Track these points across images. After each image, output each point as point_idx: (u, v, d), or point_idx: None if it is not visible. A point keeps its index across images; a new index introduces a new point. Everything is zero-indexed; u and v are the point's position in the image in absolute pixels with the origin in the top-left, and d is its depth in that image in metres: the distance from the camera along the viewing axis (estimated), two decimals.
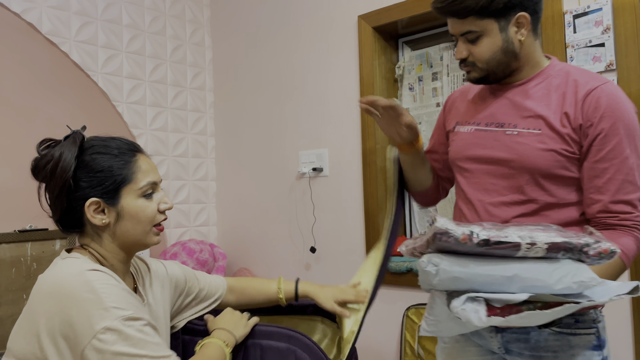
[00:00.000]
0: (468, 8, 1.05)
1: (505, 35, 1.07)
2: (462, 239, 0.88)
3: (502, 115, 1.12)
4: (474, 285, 0.90)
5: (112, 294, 0.91)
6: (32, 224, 2.00)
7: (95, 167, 1.01)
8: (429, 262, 0.92)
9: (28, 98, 2.06)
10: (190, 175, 2.63)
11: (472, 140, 1.16)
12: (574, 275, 0.88)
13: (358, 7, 2.16)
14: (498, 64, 1.09)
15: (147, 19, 2.47)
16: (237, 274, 2.51)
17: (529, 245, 0.88)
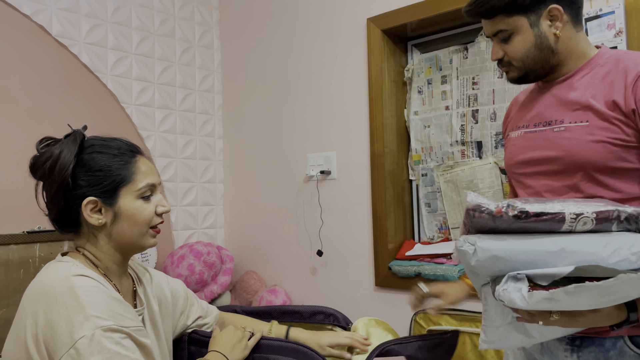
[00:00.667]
0: (494, 7, 1.03)
1: (538, 31, 1.03)
2: (497, 212, 0.81)
3: (548, 112, 1.07)
4: (516, 264, 0.81)
5: (95, 301, 0.90)
6: (40, 225, 2.00)
7: (94, 166, 1.01)
8: (465, 241, 0.85)
9: (37, 100, 2.07)
10: (198, 177, 2.63)
11: (522, 143, 1.11)
12: (631, 246, 0.79)
13: (367, 10, 2.15)
14: (535, 61, 1.05)
15: (157, 21, 2.48)
16: (244, 276, 2.51)
17: (575, 215, 0.79)
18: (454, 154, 2.02)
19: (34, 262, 1.92)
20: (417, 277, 1.97)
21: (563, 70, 1.07)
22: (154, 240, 1.05)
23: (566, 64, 1.07)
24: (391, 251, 2.09)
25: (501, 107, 1.89)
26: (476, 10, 1.06)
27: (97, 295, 0.91)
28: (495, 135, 1.91)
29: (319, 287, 2.32)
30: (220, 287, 2.33)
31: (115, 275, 1.05)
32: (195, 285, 2.29)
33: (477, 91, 1.96)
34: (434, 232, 2.10)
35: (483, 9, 1.04)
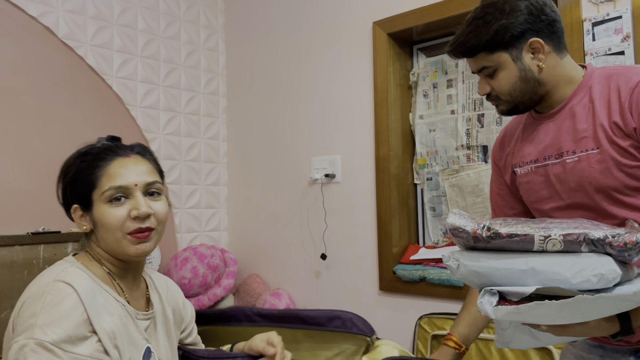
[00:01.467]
0: (474, 47, 1.03)
1: (521, 64, 1.03)
2: (472, 233, 0.88)
3: (557, 144, 1.05)
4: (493, 279, 0.88)
5: (53, 313, 0.88)
6: (45, 226, 2.00)
7: (73, 173, 1.04)
8: (451, 257, 0.93)
9: (43, 101, 2.08)
10: (202, 180, 2.63)
11: (537, 179, 1.09)
12: (594, 268, 0.82)
13: (373, 14, 2.16)
14: (522, 94, 1.05)
15: (162, 24, 2.48)
16: (247, 279, 2.50)
17: (543, 237, 0.84)
18: (460, 158, 2.01)
19: (38, 263, 1.92)
20: (422, 282, 1.96)
21: (555, 98, 1.07)
22: (135, 247, 0.99)
23: (556, 91, 1.06)
24: (396, 255, 2.08)
25: None
26: (457, 50, 1.07)
27: (61, 308, 0.89)
28: None
29: (322, 291, 2.31)
30: (223, 290, 2.33)
31: (120, 277, 1.04)
32: (198, 288, 2.28)
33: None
34: (439, 237, 2.10)
35: (463, 48, 1.05)
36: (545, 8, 1.03)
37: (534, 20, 1.01)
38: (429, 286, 1.94)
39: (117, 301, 1.00)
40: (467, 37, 1.04)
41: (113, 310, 0.98)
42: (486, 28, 1.02)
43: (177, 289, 1.22)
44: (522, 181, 1.13)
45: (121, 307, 1.00)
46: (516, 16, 1.00)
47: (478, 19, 1.04)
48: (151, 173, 1.05)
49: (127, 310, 1.02)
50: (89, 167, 1.02)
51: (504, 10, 1.01)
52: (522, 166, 1.13)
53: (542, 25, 1.02)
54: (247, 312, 1.30)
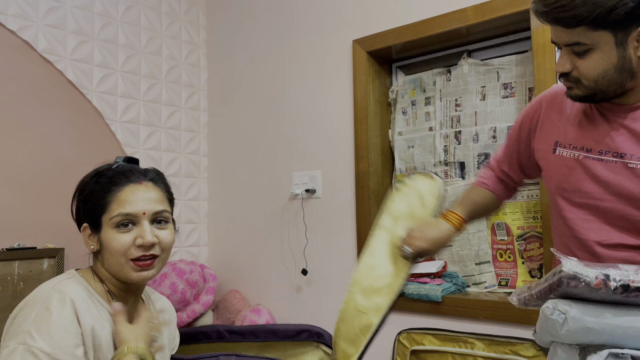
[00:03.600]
0: (579, 17, 0.87)
1: (623, 51, 0.90)
2: (596, 285, 0.75)
3: (620, 143, 0.95)
4: (610, 338, 0.76)
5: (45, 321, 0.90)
6: (20, 242, 1.97)
7: (87, 193, 1.05)
8: (555, 308, 0.78)
9: (22, 115, 2.06)
10: (182, 195, 2.62)
11: (583, 169, 0.99)
12: None
13: (353, 32, 2.19)
14: (609, 83, 0.93)
15: (144, 39, 2.49)
16: (227, 295, 2.49)
17: None
18: (438, 174, 2.04)
19: (13, 279, 1.88)
20: (401, 297, 1.97)
21: (636, 96, 0.96)
22: (136, 274, 1.01)
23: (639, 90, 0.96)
24: None
25: (483, 128, 1.93)
26: (555, 14, 0.90)
27: (54, 317, 0.91)
28: (478, 156, 1.94)
29: (303, 307, 2.31)
30: (202, 306, 2.31)
31: (119, 297, 1.06)
32: (177, 305, 2.26)
33: (460, 113, 2.00)
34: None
35: (564, 15, 0.89)
36: None
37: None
38: (408, 301, 1.95)
39: (111, 316, 1.01)
40: (574, 2, 0.87)
41: (106, 325, 0.99)
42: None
43: (174, 314, 1.25)
44: (559, 163, 1.03)
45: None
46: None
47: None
48: (160, 201, 1.07)
49: None
50: (102, 189, 1.04)
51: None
52: (567, 148, 1.02)
53: None
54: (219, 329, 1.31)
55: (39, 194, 2.06)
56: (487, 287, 1.90)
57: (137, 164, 1.13)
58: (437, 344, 1.83)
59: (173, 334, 1.21)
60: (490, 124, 1.91)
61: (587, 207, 0.99)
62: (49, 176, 2.09)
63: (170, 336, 1.19)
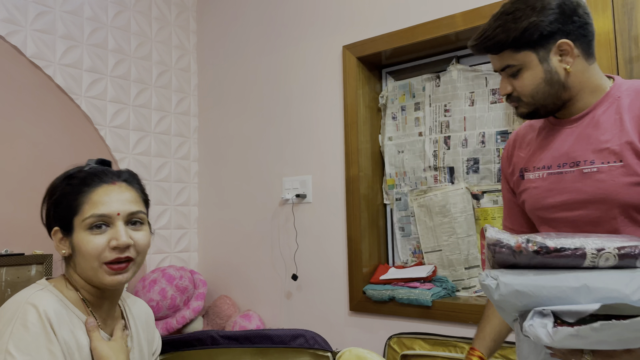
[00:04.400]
0: (501, 42, 0.98)
1: (547, 66, 0.98)
2: (517, 247, 0.80)
3: (574, 152, 1.01)
4: (539, 300, 0.80)
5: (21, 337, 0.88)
6: (7, 248, 1.95)
7: (58, 196, 1.02)
8: (488, 275, 0.84)
9: (10, 121, 2.04)
10: (172, 200, 2.61)
11: (547, 186, 1.04)
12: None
13: (343, 38, 2.20)
14: (545, 97, 1.00)
15: (134, 44, 2.48)
16: (217, 301, 2.48)
17: (597, 251, 0.78)
18: (427, 179, 2.05)
19: (0, 286, 1.86)
20: (391, 301, 1.97)
21: (577, 106, 1.02)
22: (110, 278, 0.98)
23: (580, 98, 1.02)
24: (366, 275, 2.09)
25: (472, 134, 1.94)
26: (482, 45, 1.01)
27: (29, 333, 0.89)
28: (467, 161, 1.95)
29: (293, 312, 2.31)
30: (192, 312, 2.29)
31: (95, 305, 1.03)
32: (167, 311, 2.25)
33: (449, 118, 2.01)
34: (408, 256, 2.12)
35: (490, 43, 1.00)
36: (579, 9, 0.98)
37: (566, 20, 0.96)
38: (398, 306, 1.95)
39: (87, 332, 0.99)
40: (494, 32, 0.99)
41: (81, 334, 0.97)
42: (515, 24, 0.97)
43: (152, 316, 1.21)
44: (530, 186, 1.09)
45: None
46: (547, 14, 0.96)
47: (507, 14, 0.98)
48: (135, 202, 1.04)
49: None
50: (74, 191, 1.00)
51: (534, 8, 0.96)
52: (532, 171, 1.08)
53: (574, 27, 0.97)
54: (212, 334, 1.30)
55: (27, 199, 2.05)
56: (476, 292, 1.91)
57: (109, 166, 1.09)
58: (428, 348, 1.83)
59: (152, 336, 1.18)
60: (479, 129, 1.93)
61: (560, 220, 1.03)
62: (37, 182, 2.07)
63: (149, 339, 1.17)
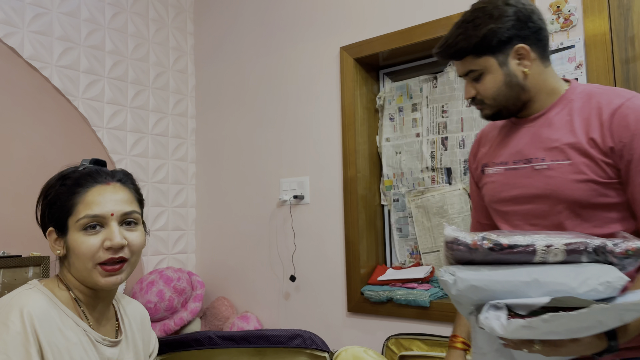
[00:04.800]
0: (462, 49, 1.06)
1: (507, 69, 1.05)
2: (473, 245, 0.85)
3: (528, 149, 1.08)
4: (494, 294, 0.85)
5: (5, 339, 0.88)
6: (5, 250, 1.95)
7: (52, 196, 1.02)
8: (446, 272, 0.89)
9: (7, 122, 2.04)
10: (170, 201, 2.61)
11: (503, 180, 1.11)
12: (599, 276, 0.81)
13: (340, 39, 2.21)
14: (506, 99, 1.07)
15: (131, 45, 2.48)
16: (215, 303, 2.47)
17: (546, 247, 0.83)
18: (425, 180, 2.06)
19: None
20: (389, 302, 1.97)
21: (535, 106, 1.09)
22: (104, 280, 0.98)
23: (537, 99, 1.09)
24: (363, 276, 2.09)
25: (469, 134, 1.95)
26: (446, 52, 1.09)
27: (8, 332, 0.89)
28: (464, 162, 1.95)
29: (291, 313, 2.30)
30: (190, 313, 2.29)
31: (88, 304, 1.03)
32: (164, 312, 2.24)
33: (446, 119, 2.02)
34: (406, 257, 2.12)
35: (452, 50, 1.07)
36: (533, 15, 1.06)
37: (522, 26, 1.04)
38: (396, 307, 1.95)
39: (77, 326, 0.98)
40: (456, 39, 1.06)
41: (71, 334, 0.96)
42: (475, 32, 1.04)
43: (147, 317, 1.21)
44: (488, 180, 1.16)
45: (82, 333, 0.99)
46: (504, 21, 1.03)
47: (467, 23, 1.06)
48: (129, 202, 1.03)
49: (89, 336, 1.00)
50: (68, 192, 1.00)
51: (492, 15, 1.04)
52: (491, 166, 1.15)
53: (529, 32, 1.04)
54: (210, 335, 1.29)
55: (24, 201, 2.04)
56: None
57: (104, 166, 1.09)
58: (425, 349, 1.83)
59: (148, 337, 1.18)
60: (476, 130, 1.93)
61: (512, 213, 1.09)
62: (34, 183, 2.07)
63: (145, 339, 1.16)
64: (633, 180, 0.98)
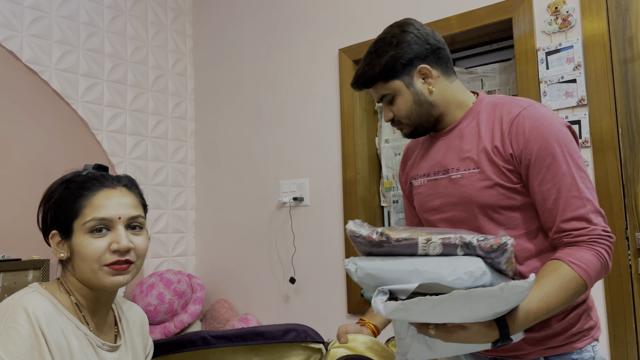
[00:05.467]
0: (371, 78, 1.13)
1: (414, 89, 1.12)
2: (367, 237, 0.96)
3: (445, 161, 1.16)
4: (385, 281, 0.96)
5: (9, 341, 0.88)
6: (4, 254, 1.95)
7: (56, 199, 1.03)
8: (350, 261, 1.00)
9: (6, 126, 2.04)
10: (169, 204, 2.61)
11: (427, 191, 1.19)
12: (465, 266, 0.91)
13: (339, 41, 2.21)
14: (419, 116, 1.14)
15: (130, 48, 2.48)
16: (215, 305, 2.47)
17: (426, 240, 0.94)
18: None
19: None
20: None
21: (447, 120, 1.17)
22: (112, 279, 0.99)
23: (448, 113, 1.16)
24: None
25: None
26: (359, 83, 1.16)
27: (18, 335, 0.89)
28: None
29: (291, 315, 2.30)
30: (190, 316, 2.29)
31: (89, 308, 1.03)
32: (164, 315, 2.24)
33: None
34: None
35: (362, 80, 1.15)
36: (429, 38, 1.14)
37: (420, 49, 1.12)
38: None
39: (78, 329, 0.99)
40: (364, 69, 1.14)
41: (72, 338, 0.96)
42: (378, 60, 1.12)
43: (147, 322, 1.21)
44: (416, 192, 1.24)
45: (83, 337, 0.99)
46: (403, 47, 1.11)
47: (372, 53, 1.14)
48: (135, 207, 1.05)
49: (90, 340, 1.00)
50: (73, 195, 1.01)
51: (391, 43, 1.12)
52: (417, 178, 1.23)
53: (428, 53, 1.12)
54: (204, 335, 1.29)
55: (23, 204, 2.04)
56: None
57: (106, 172, 1.10)
58: None
59: (146, 342, 1.18)
60: None
61: (439, 221, 1.17)
62: (33, 187, 2.07)
63: (144, 344, 1.17)
64: (532, 183, 1.05)
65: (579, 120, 1.64)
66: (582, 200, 1.01)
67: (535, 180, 1.04)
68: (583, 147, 1.62)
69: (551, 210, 1.03)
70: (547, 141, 1.03)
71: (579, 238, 1.00)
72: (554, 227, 1.03)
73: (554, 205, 1.02)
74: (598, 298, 1.58)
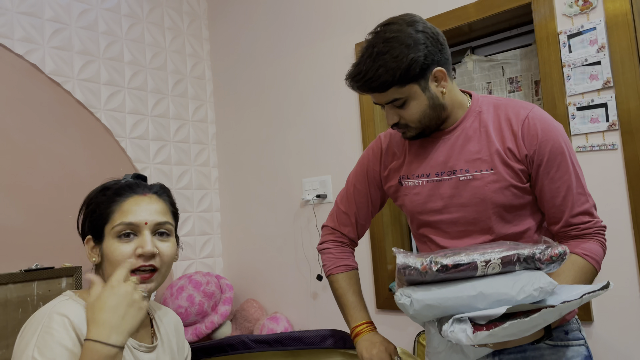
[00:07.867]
0: (387, 82, 1.05)
1: (429, 93, 1.09)
2: (423, 269, 0.94)
3: (450, 162, 1.14)
4: (447, 309, 0.94)
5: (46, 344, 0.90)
6: (38, 262, 2.00)
7: (92, 206, 1.07)
8: (402, 294, 0.97)
9: (32, 137, 2.09)
10: (195, 207, 2.63)
11: (428, 192, 1.17)
12: (532, 283, 0.92)
13: (355, 36, 2.20)
14: (430, 119, 1.12)
15: (148, 55, 2.51)
16: (244, 305, 2.49)
17: (485, 262, 0.94)
18: None
19: (32, 300, 1.90)
20: None
21: (450, 120, 1.16)
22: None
23: (452, 114, 1.15)
24: (391, 272, 2.09)
25: None
26: (367, 86, 1.08)
27: (54, 338, 0.91)
28: None
29: (320, 312, 2.31)
30: (220, 317, 2.31)
31: None
32: (195, 316, 2.27)
33: None
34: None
35: (375, 84, 1.06)
36: (439, 36, 1.10)
37: (434, 50, 1.08)
38: None
39: None
40: (376, 72, 1.05)
41: None
42: (397, 63, 1.04)
43: (181, 325, 1.24)
44: (409, 192, 1.20)
45: None
46: (420, 49, 1.05)
47: (384, 54, 1.05)
48: (164, 213, 1.07)
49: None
50: (107, 201, 1.05)
51: (408, 45, 1.04)
52: (412, 179, 1.19)
53: (440, 55, 1.09)
54: (244, 339, 1.31)
55: (53, 213, 2.09)
56: None
57: (145, 181, 1.13)
58: None
59: (182, 344, 1.20)
60: None
61: (442, 222, 1.16)
62: (62, 195, 2.11)
63: (179, 346, 1.19)
64: (541, 182, 1.09)
65: (605, 103, 1.60)
66: (585, 196, 1.10)
67: (546, 179, 1.09)
68: (611, 129, 1.59)
69: (560, 206, 1.09)
70: (558, 142, 1.08)
71: (585, 231, 1.09)
72: (561, 221, 1.10)
73: (562, 201, 1.09)
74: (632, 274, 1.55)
